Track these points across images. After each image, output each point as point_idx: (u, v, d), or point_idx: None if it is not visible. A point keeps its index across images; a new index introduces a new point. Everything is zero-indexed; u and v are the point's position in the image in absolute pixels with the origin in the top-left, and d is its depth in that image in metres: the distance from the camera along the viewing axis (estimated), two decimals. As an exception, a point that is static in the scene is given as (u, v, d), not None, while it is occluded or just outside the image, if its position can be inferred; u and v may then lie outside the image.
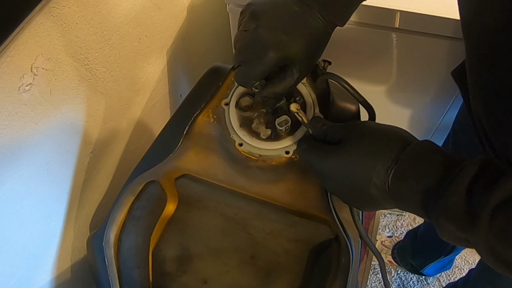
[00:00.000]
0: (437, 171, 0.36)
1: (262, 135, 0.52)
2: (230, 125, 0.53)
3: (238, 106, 0.53)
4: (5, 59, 0.40)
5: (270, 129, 0.52)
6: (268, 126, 0.53)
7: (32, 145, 0.47)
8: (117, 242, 0.51)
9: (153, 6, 0.68)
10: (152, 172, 0.53)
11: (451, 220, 0.35)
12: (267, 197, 0.52)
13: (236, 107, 0.53)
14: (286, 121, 0.51)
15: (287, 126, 0.51)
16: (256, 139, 0.52)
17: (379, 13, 0.77)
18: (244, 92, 0.54)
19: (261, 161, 0.52)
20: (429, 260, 1.23)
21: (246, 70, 0.46)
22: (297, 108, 0.49)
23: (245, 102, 0.53)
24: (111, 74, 0.60)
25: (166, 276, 0.52)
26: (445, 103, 0.96)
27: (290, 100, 0.53)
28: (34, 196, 0.49)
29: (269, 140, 0.52)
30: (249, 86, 0.48)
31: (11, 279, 0.49)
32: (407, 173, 0.38)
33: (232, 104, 0.54)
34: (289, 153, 0.51)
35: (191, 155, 0.54)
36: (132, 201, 0.52)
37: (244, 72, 0.46)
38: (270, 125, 0.52)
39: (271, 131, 0.52)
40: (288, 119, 0.51)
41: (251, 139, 0.52)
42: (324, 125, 0.46)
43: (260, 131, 0.53)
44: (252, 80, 0.47)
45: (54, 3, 0.46)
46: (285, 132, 0.52)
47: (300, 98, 0.53)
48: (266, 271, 0.51)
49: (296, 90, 0.54)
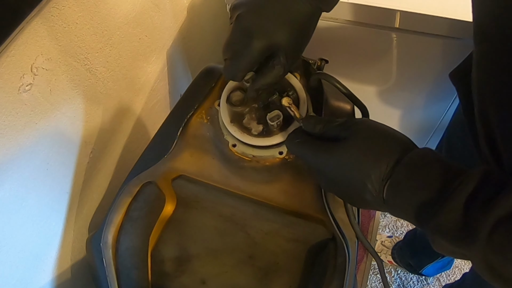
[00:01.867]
0: (433, 184, 0.35)
1: (253, 131, 0.50)
2: (223, 125, 0.51)
3: (229, 101, 0.51)
4: (5, 59, 0.40)
5: (262, 124, 0.51)
6: (259, 122, 0.51)
7: (32, 145, 0.47)
8: (115, 243, 0.50)
9: (153, 6, 0.68)
10: (149, 173, 0.53)
11: (447, 236, 0.34)
12: (262, 198, 0.52)
13: (227, 102, 0.51)
14: (278, 116, 0.48)
15: (279, 121, 0.49)
16: (247, 135, 0.50)
17: (379, 13, 0.77)
18: (235, 87, 0.52)
19: (254, 161, 0.51)
20: (428, 260, 1.23)
21: (232, 63, 0.45)
22: (289, 102, 0.47)
23: (236, 97, 0.51)
24: (111, 74, 0.60)
25: (164, 276, 0.52)
26: (445, 103, 0.96)
27: (283, 95, 0.50)
28: (34, 196, 0.49)
29: (261, 136, 0.50)
30: (238, 79, 0.46)
31: (11, 279, 0.49)
32: (402, 183, 0.36)
33: (223, 99, 0.52)
34: (283, 154, 0.50)
35: (186, 156, 0.54)
36: (129, 202, 0.51)
37: (231, 65, 0.45)
38: (262, 121, 0.51)
39: (263, 126, 0.50)
40: (279, 114, 0.49)
41: (242, 135, 0.50)
42: (319, 123, 0.44)
43: (252, 127, 0.51)
44: (239, 72, 0.45)
45: (54, 3, 0.46)
46: (277, 128, 0.50)
47: (293, 93, 0.51)
48: (264, 271, 0.51)
49: (289, 85, 0.52)
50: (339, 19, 0.82)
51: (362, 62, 0.91)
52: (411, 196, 0.36)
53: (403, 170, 0.36)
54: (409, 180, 0.36)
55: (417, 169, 0.36)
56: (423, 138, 1.10)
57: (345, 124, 0.42)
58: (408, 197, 0.36)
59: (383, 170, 0.37)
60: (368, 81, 0.95)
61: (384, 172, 0.37)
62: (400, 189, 0.36)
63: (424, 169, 0.36)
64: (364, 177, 0.38)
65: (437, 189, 0.34)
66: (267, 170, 0.51)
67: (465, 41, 0.78)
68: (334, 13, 0.82)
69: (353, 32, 0.83)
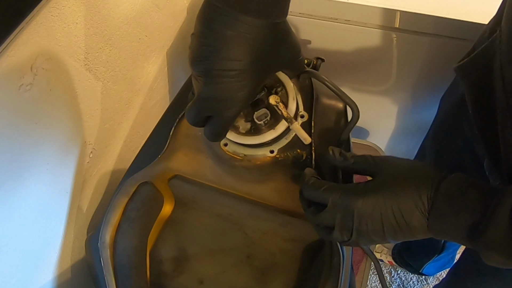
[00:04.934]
0: (475, 207, 0.37)
1: (241, 129, 0.49)
2: None
3: None
4: (5, 59, 0.40)
5: (250, 122, 0.49)
6: (247, 120, 0.50)
7: (32, 145, 0.47)
8: (112, 243, 0.50)
9: (153, 6, 0.68)
10: (144, 173, 0.53)
11: (498, 252, 0.35)
12: (256, 197, 0.52)
13: None
14: (265, 115, 0.48)
15: (266, 120, 0.48)
16: (235, 133, 0.49)
17: (379, 13, 0.77)
18: None
19: (246, 160, 0.51)
20: (425, 259, 1.23)
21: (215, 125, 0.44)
22: (277, 101, 0.46)
23: None
24: (111, 74, 0.60)
25: (163, 276, 0.52)
26: (445, 103, 0.96)
27: (271, 91, 0.50)
28: (34, 196, 0.49)
29: (249, 134, 0.49)
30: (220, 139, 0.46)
31: (11, 279, 0.49)
32: (445, 211, 0.38)
33: None
34: (274, 153, 0.50)
35: (181, 156, 0.54)
36: (126, 203, 0.52)
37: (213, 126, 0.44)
38: (249, 118, 0.49)
39: (251, 124, 0.49)
40: (267, 112, 0.48)
41: (229, 133, 0.49)
42: (350, 157, 0.44)
43: (239, 125, 0.50)
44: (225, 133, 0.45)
45: (54, 3, 0.46)
46: (265, 126, 0.49)
47: (282, 89, 0.50)
48: (262, 271, 0.51)
49: (278, 80, 0.50)
50: (339, 19, 0.82)
51: (361, 62, 0.91)
52: (457, 222, 0.37)
53: (441, 199, 0.38)
54: (450, 207, 0.38)
55: (456, 196, 0.38)
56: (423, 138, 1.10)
57: (374, 159, 0.43)
58: (455, 223, 0.37)
59: (424, 200, 0.39)
60: (367, 81, 0.95)
61: (424, 201, 0.39)
62: (444, 216, 0.38)
63: (462, 195, 0.38)
64: (410, 204, 0.39)
65: (479, 210, 0.36)
66: (259, 169, 0.51)
67: (465, 41, 0.78)
68: (334, 13, 0.82)
69: (353, 32, 0.83)
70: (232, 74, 0.40)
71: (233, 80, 0.40)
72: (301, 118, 0.51)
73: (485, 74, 0.50)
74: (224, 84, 0.40)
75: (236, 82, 0.41)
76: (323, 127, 0.53)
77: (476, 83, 0.54)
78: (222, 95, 0.41)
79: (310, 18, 0.83)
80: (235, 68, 0.40)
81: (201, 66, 0.41)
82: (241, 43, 0.39)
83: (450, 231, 0.38)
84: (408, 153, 1.19)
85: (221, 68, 0.40)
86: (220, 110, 0.42)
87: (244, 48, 0.40)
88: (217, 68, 0.40)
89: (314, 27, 0.86)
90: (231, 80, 0.40)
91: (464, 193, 0.38)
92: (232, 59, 0.39)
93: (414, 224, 0.39)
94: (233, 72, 0.40)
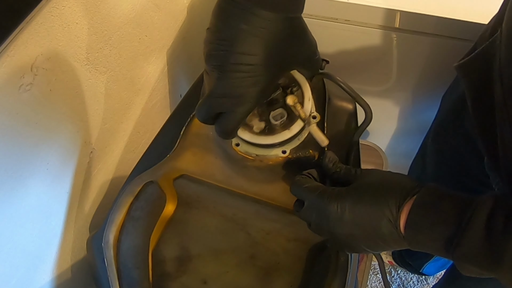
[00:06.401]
0: (449, 219, 0.36)
1: (255, 128, 0.49)
2: None
3: None
4: (5, 59, 0.40)
5: (264, 122, 0.49)
6: (262, 119, 0.49)
7: (32, 145, 0.47)
8: (116, 243, 0.50)
9: (153, 6, 0.68)
10: (151, 173, 0.53)
11: (473, 263, 0.35)
12: (265, 197, 0.52)
13: None
14: (282, 115, 0.47)
15: (283, 121, 0.47)
16: (249, 133, 0.48)
17: (379, 13, 0.77)
18: None
19: (258, 161, 0.51)
20: (425, 259, 1.23)
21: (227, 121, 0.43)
22: (294, 102, 0.46)
23: None
24: (111, 74, 0.60)
25: (165, 276, 0.52)
26: (445, 103, 0.96)
27: (286, 91, 0.49)
28: (34, 196, 0.49)
29: (263, 134, 0.48)
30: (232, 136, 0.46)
31: (11, 279, 0.49)
32: (420, 223, 0.38)
33: None
34: (286, 153, 0.50)
35: (189, 156, 0.54)
36: (131, 202, 0.51)
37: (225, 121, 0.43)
38: (264, 118, 0.49)
39: (265, 124, 0.49)
40: (284, 112, 0.47)
41: (243, 133, 0.48)
42: (339, 167, 0.45)
43: (253, 124, 0.49)
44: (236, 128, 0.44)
45: (54, 3, 0.46)
46: (280, 126, 0.48)
47: (297, 88, 0.49)
48: (265, 271, 0.51)
49: (294, 79, 0.50)
50: (339, 19, 0.82)
51: (362, 62, 0.91)
52: (432, 234, 0.37)
53: (415, 210, 0.38)
54: (425, 219, 0.37)
55: (430, 208, 0.38)
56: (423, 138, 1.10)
57: (355, 170, 0.44)
58: (430, 234, 0.37)
59: (393, 211, 0.39)
60: (368, 81, 0.95)
61: (393, 212, 0.39)
62: (419, 228, 0.38)
63: (436, 207, 0.37)
64: (380, 213, 0.39)
65: (453, 223, 0.36)
66: (270, 169, 0.51)
67: (466, 41, 0.78)
68: (334, 13, 0.82)
69: (353, 32, 0.83)
70: (246, 69, 0.40)
71: (247, 75, 0.40)
72: (313, 119, 0.50)
73: (485, 73, 0.50)
74: (238, 79, 0.40)
75: (249, 77, 0.40)
76: (335, 129, 0.53)
77: (475, 82, 0.54)
78: (235, 90, 0.40)
79: (310, 18, 0.83)
80: (250, 62, 0.39)
81: (215, 60, 0.40)
82: (256, 38, 0.39)
83: (426, 242, 0.38)
84: (409, 153, 1.19)
85: (236, 62, 0.39)
86: (232, 106, 0.42)
87: (259, 42, 0.39)
88: (231, 62, 0.39)
89: (314, 27, 0.85)
90: (244, 75, 0.40)
91: (439, 204, 0.37)
92: (246, 53, 0.39)
93: (383, 231, 0.39)
94: (247, 67, 0.40)
